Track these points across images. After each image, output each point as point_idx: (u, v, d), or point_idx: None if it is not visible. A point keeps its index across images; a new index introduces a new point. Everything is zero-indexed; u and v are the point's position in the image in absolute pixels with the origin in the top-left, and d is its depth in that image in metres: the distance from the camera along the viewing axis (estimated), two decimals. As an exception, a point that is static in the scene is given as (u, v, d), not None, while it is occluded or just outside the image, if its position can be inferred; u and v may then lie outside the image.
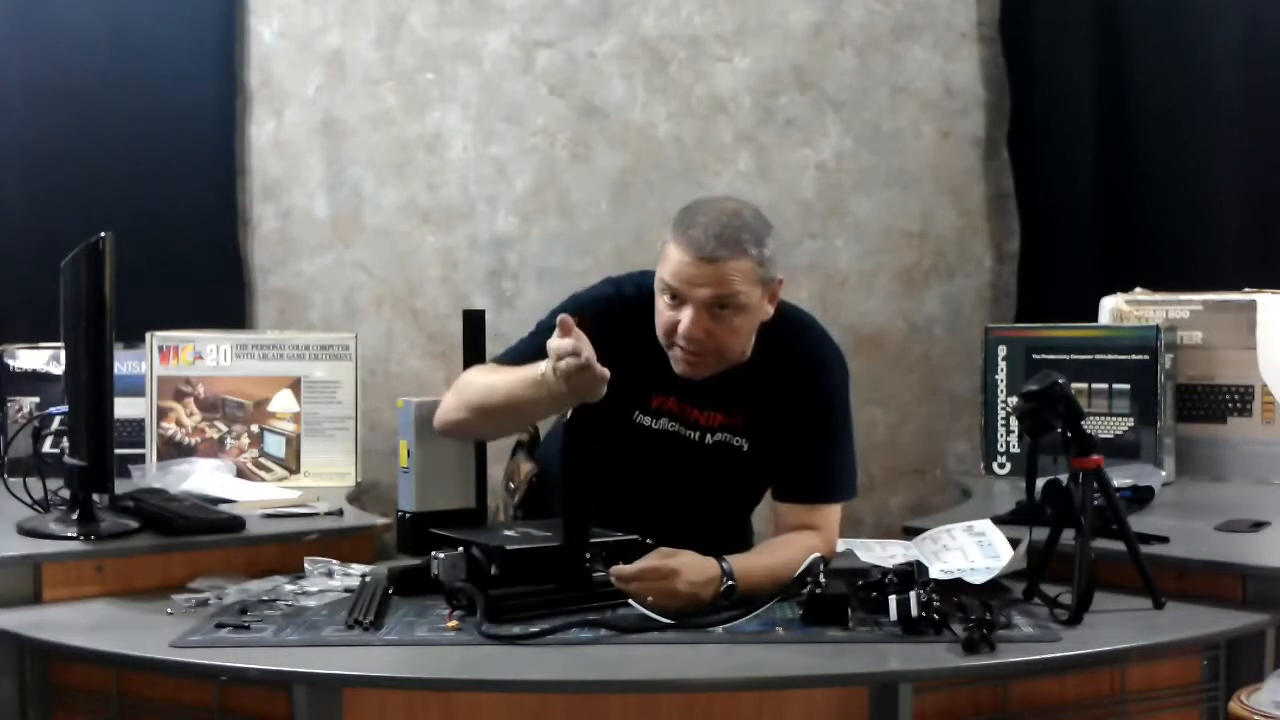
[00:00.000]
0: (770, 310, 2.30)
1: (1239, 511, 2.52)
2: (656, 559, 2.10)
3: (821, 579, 2.09)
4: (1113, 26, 3.54)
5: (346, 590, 2.25)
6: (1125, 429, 3.00)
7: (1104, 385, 3.02)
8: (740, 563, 2.19)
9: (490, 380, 2.29)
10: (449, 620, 2.04)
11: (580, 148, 3.62)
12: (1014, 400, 3.01)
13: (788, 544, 2.30)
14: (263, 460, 3.04)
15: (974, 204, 3.69)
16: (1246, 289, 3.06)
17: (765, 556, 2.27)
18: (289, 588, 2.25)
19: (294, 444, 3.04)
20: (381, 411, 3.27)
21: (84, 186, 3.46)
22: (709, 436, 2.38)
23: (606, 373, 2.07)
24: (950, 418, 3.65)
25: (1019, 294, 3.64)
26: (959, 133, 3.68)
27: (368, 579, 2.29)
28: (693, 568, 2.12)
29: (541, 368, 2.12)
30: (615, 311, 2.35)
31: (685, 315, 2.23)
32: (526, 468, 2.59)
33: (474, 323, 2.41)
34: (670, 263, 2.24)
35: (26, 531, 2.36)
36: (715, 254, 2.19)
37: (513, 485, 2.62)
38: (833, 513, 2.37)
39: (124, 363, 3.02)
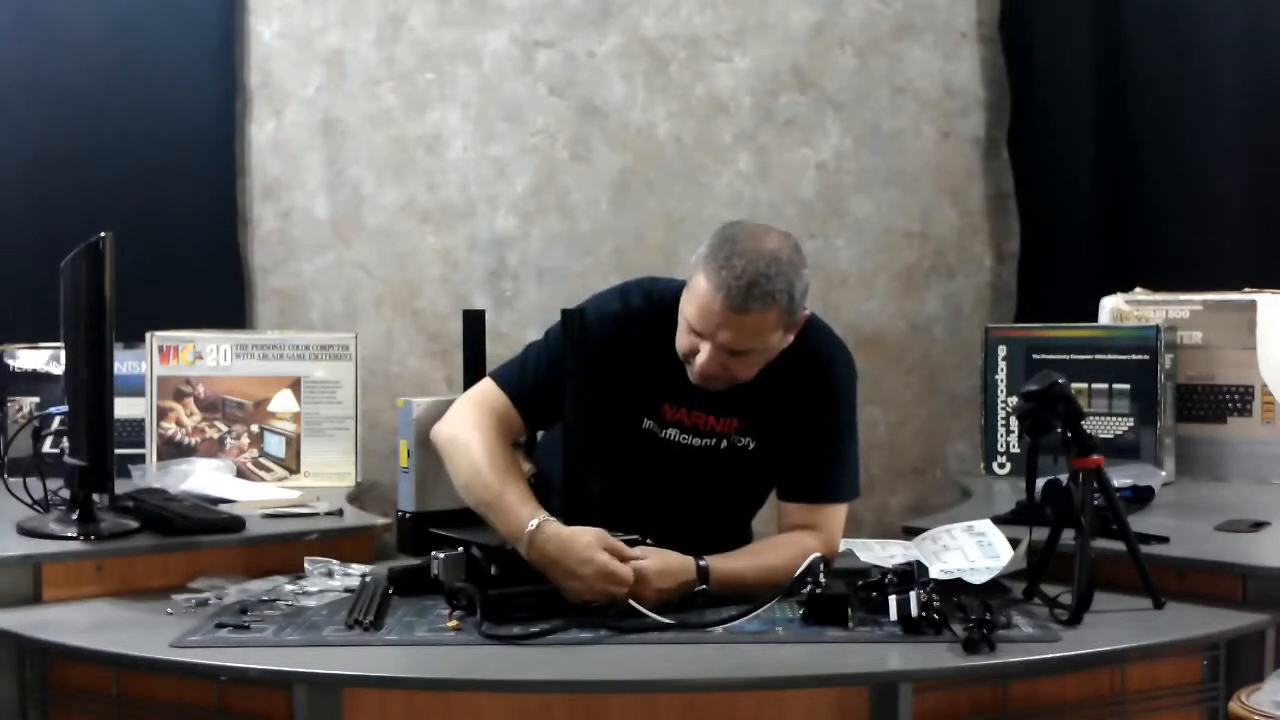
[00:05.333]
0: (790, 340, 2.28)
1: (1239, 511, 2.52)
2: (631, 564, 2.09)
3: (821, 579, 2.09)
4: (1113, 26, 3.54)
5: (346, 590, 2.25)
6: (1125, 429, 3.00)
7: (1104, 385, 3.02)
8: (721, 563, 2.19)
9: (483, 476, 2.21)
10: (449, 620, 2.04)
11: (580, 148, 3.62)
12: (1014, 400, 3.01)
13: (779, 545, 2.30)
14: (263, 460, 3.04)
15: (974, 204, 3.69)
16: (1246, 289, 3.06)
17: (750, 557, 2.26)
18: (289, 588, 2.25)
19: (294, 444, 3.04)
20: (381, 411, 3.27)
21: (84, 186, 3.46)
22: (724, 442, 2.36)
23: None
24: (950, 418, 3.65)
25: (1019, 294, 3.64)
26: (959, 133, 3.68)
27: (368, 579, 2.29)
28: (665, 573, 2.11)
29: (527, 529, 2.09)
30: (623, 328, 2.33)
31: (704, 350, 2.21)
32: (525, 469, 2.58)
33: (474, 323, 2.42)
34: (697, 298, 2.19)
35: (26, 531, 2.36)
36: (745, 306, 2.15)
37: None
38: (835, 513, 2.36)
39: (124, 363, 3.02)
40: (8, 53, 3.46)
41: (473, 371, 2.41)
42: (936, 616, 1.97)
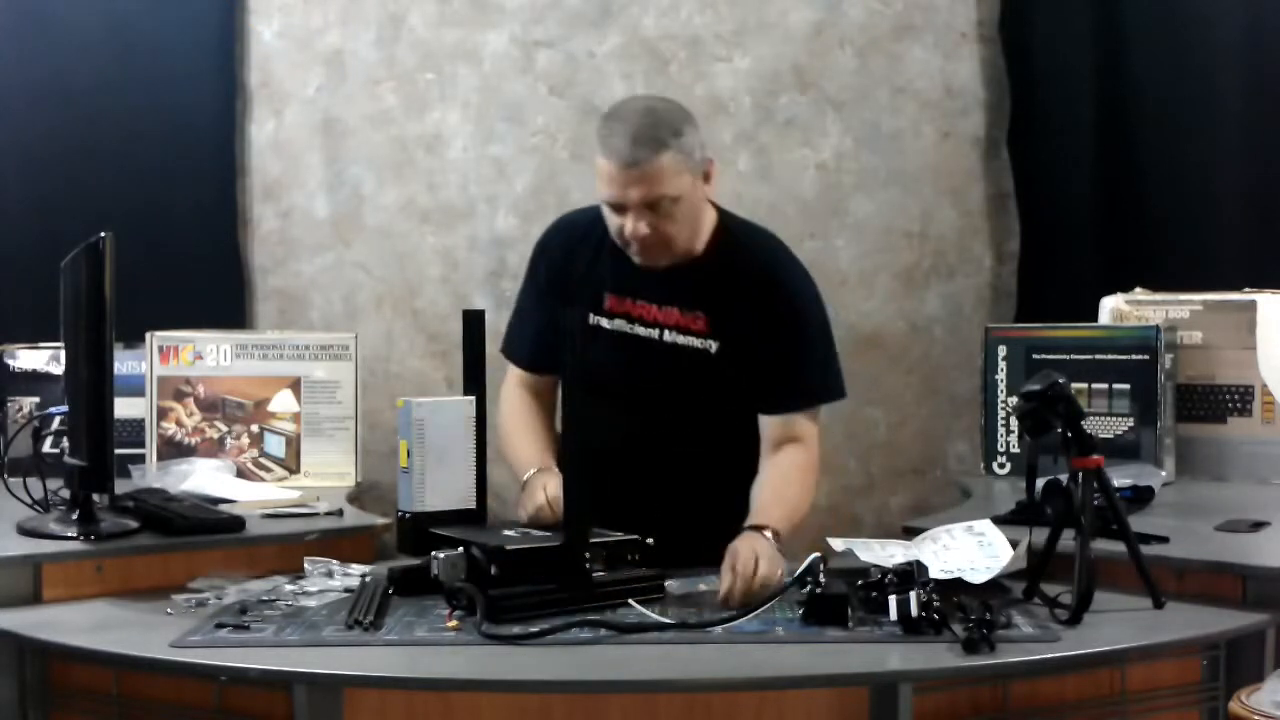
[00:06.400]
0: (710, 190, 2.47)
1: (1239, 511, 2.52)
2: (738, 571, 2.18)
3: (821, 579, 2.09)
4: (1113, 26, 3.54)
5: (346, 590, 2.25)
6: (1125, 429, 3.00)
7: (1104, 385, 3.02)
8: (769, 517, 2.33)
9: (505, 438, 2.58)
10: (449, 620, 2.04)
11: (580, 148, 3.62)
12: (1014, 400, 3.01)
13: (786, 478, 2.45)
14: (263, 460, 3.04)
15: (974, 204, 3.69)
16: (1246, 289, 3.06)
17: (778, 495, 2.41)
18: (289, 588, 2.25)
19: (294, 444, 3.04)
20: (381, 411, 3.27)
21: (84, 186, 3.46)
22: (666, 334, 2.50)
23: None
24: (950, 418, 3.65)
25: (1019, 294, 3.63)
26: (959, 133, 3.68)
27: (368, 579, 2.29)
28: (763, 554, 2.21)
29: (525, 475, 2.45)
30: (560, 232, 2.65)
31: (628, 220, 2.38)
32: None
33: (474, 323, 2.41)
34: (601, 175, 2.40)
35: (26, 531, 2.36)
36: (636, 157, 2.33)
37: None
38: (810, 420, 2.52)
39: (124, 363, 3.02)
40: (8, 53, 3.47)
41: (473, 372, 2.41)
42: (936, 616, 1.96)
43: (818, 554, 2.15)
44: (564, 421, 2.42)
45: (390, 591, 2.22)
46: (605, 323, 2.53)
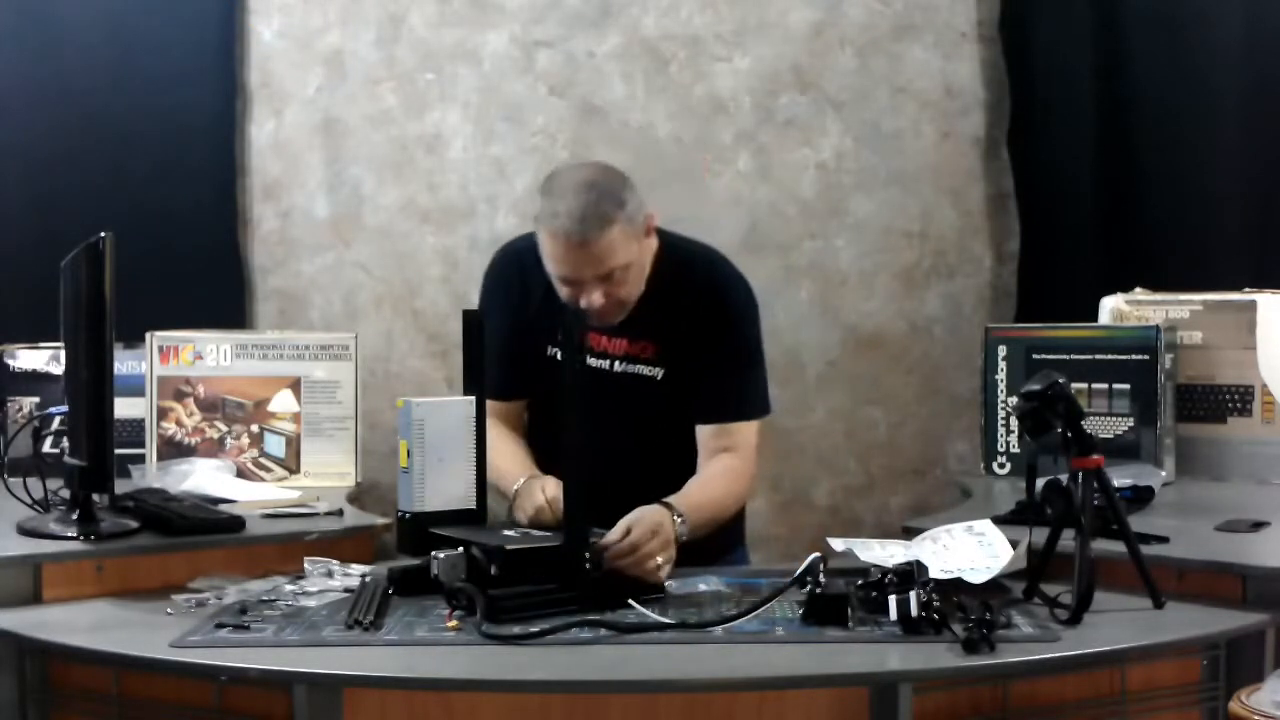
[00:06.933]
0: (653, 244, 2.52)
1: (1239, 511, 2.52)
2: (634, 534, 2.21)
3: (821, 579, 2.09)
4: (1113, 27, 3.54)
5: (346, 590, 2.25)
6: (1125, 429, 3.00)
7: (1104, 385, 3.02)
8: (682, 503, 2.35)
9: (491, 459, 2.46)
10: (449, 620, 2.04)
11: (580, 148, 3.62)
12: (1014, 400, 3.00)
13: (713, 478, 2.51)
14: (263, 460, 3.04)
15: (974, 204, 3.69)
16: (1246, 289, 3.06)
17: (703, 489, 2.46)
18: (289, 588, 2.25)
19: (294, 444, 3.04)
20: (381, 411, 3.27)
21: (84, 186, 3.46)
22: (616, 364, 2.56)
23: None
24: (950, 418, 3.65)
25: (1019, 294, 3.63)
26: (959, 133, 3.67)
27: (368, 579, 2.29)
28: (660, 524, 2.24)
29: (514, 486, 2.46)
30: (511, 264, 2.65)
31: (583, 295, 2.44)
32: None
33: (474, 323, 2.41)
34: (549, 254, 2.44)
35: (26, 531, 2.36)
36: (586, 237, 2.38)
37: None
38: (747, 431, 2.58)
39: (124, 363, 3.02)
40: (8, 53, 3.46)
41: (473, 372, 2.41)
42: (936, 616, 1.96)
43: (818, 554, 2.15)
44: (535, 423, 2.45)
45: (390, 591, 2.21)
46: (560, 354, 2.50)
